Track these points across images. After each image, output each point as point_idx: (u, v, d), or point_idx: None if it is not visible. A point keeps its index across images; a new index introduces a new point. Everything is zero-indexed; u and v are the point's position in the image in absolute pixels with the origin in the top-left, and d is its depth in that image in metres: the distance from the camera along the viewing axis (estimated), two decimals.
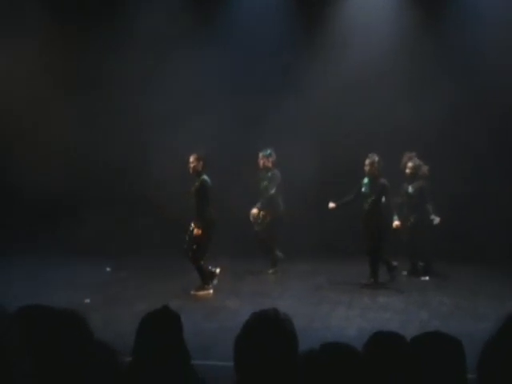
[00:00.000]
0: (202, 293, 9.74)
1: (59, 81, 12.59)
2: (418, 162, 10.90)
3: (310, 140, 12.01)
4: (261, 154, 10.98)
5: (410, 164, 10.85)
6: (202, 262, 9.73)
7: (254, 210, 10.85)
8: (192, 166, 9.66)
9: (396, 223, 10.38)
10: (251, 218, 10.88)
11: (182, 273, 10.46)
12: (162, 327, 2.95)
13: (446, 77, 11.98)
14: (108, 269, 11.12)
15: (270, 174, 10.91)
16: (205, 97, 12.41)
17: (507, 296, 9.37)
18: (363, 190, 10.38)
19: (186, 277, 10.19)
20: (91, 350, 2.46)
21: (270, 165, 10.93)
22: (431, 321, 8.39)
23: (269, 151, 10.95)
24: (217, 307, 9.05)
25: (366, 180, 10.40)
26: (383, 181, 10.29)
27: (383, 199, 10.25)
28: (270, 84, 12.33)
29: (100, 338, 2.66)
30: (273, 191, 10.85)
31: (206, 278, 9.79)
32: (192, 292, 9.71)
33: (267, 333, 2.42)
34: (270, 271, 11.13)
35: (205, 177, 9.65)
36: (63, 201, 12.53)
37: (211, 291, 9.79)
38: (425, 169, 10.90)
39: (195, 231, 9.54)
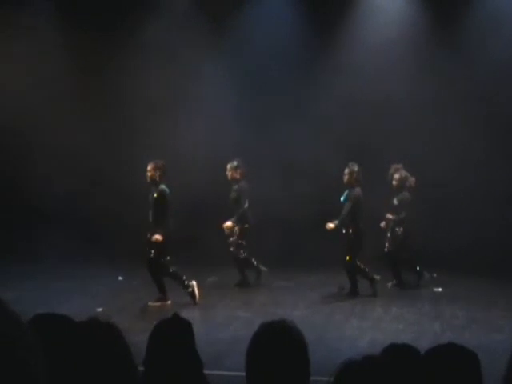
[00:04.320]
0: (157, 304, 9.57)
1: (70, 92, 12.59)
2: (404, 173, 10.76)
3: (321, 146, 11.93)
4: (228, 166, 10.69)
5: (396, 176, 10.71)
6: (165, 273, 9.61)
7: (228, 223, 10.53)
8: (149, 174, 9.61)
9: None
10: (225, 231, 10.58)
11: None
12: (174, 335, 2.93)
13: (462, 91, 11.90)
14: (120, 278, 11.12)
15: (236, 187, 10.63)
16: (216, 102, 12.38)
17: None
18: (342, 199, 10.24)
19: (199, 285, 10.16)
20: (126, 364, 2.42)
21: (238, 176, 10.61)
22: (445, 333, 8.33)
23: (236, 163, 10.65)
24: (229, 317, 9.02)
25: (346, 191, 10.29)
26: (357, 190, 10.17)
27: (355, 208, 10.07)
28: (279, 90, 12.30)
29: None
30: (246, 205, 10.56)
31: (163, 290, 9.66)
32: (149, 303, 9.59)
33: (276, 343, 2.41)
34: (256, 281, 10.83)
35: (163, 186, 9.61)
36: (76, 209, 12.52)
37: (169, 302, 9.62)
38: (412, 180, 10.75)
39: (155, 237, 9.43)
